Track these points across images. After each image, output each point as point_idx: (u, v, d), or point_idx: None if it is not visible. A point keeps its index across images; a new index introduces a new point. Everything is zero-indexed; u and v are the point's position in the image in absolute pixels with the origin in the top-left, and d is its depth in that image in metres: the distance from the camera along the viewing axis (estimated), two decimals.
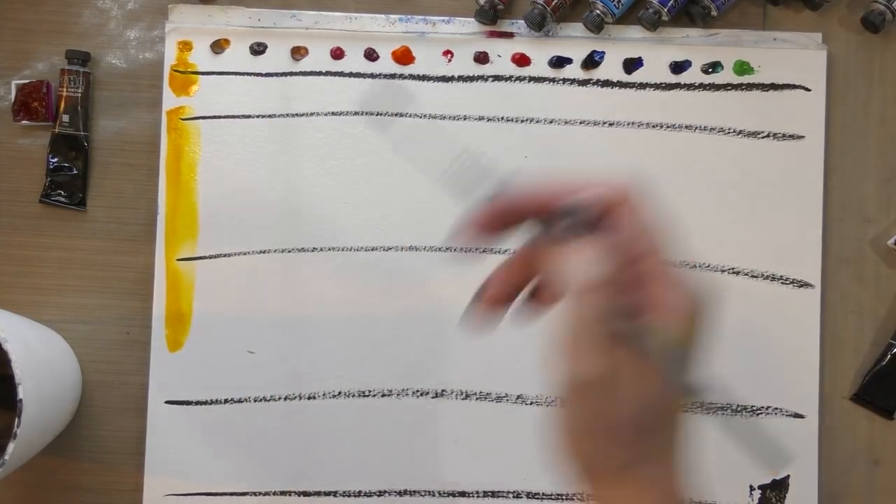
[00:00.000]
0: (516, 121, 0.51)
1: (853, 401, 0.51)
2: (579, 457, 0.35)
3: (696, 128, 0.51)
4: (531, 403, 0.50)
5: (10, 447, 0.40)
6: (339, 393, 0.50)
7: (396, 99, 0.52)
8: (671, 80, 0.52)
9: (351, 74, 0.51)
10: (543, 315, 0.33)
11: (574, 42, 0.52)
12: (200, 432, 0.50)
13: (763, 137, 0.51)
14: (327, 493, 0.50)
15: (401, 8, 0.52)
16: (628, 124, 0.51)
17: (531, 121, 0.51)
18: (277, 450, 0.50)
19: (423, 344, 0.50)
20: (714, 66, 0.52)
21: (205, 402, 0.50)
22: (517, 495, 0.50)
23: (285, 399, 0.50)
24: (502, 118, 0.51)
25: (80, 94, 0.51)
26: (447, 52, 0.51)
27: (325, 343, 0.50)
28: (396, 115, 0.51)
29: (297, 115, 0.51)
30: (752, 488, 0.50)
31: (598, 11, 0.50)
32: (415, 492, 0.50)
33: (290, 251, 0.50)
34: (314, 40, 0.51)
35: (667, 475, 0.36)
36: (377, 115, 0.51)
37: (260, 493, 0.50)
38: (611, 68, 0.52)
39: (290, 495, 0.50)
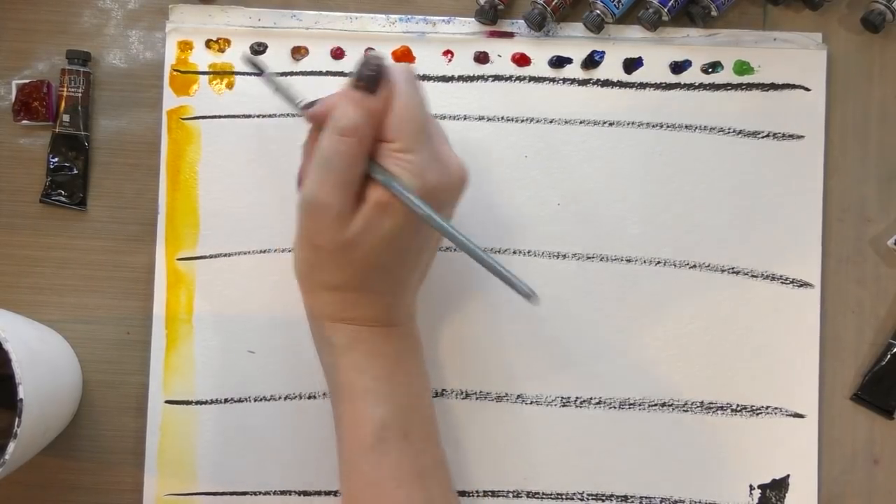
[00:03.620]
0: (516, 121, 0.51)
1: (853, 401, 0.51)
2: (298, 264, 0.43)
3: (695, 128, 0.51)
4: (531, 403, 0.50)
5: (11, 447, 0.40)
6: None
7: None
8: (671, 80, 0.52)
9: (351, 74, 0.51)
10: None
11: (574, 42, 0.52)
12: (200, 432, 0.50)
13: (763, 137, 0.51)
14: (327, 493, 0.50)
15: (401, 8, 0.52)
16: (628, 124, 0.51)
17: (531, 121, 0.51)
18: (277, 450, 0.50)
19: (423, 344, 0.50)
20: (714, 66, 0.52)
21: (205, 402, 0.50)
22: (517, 495, 0.50)
23: (285, 399, 0.50)
24: (502, 118, 0.51)
25: (80, 94, 0.51)
26: (447, 52, 0.51)
27: None
28: None
29: (297, 114, 0.51)
30: (751, 488, 0.50)
31: (598, 11, 0.50)
32: None
33: (290, 251, 0.50)
34: (314, 40, 0.51)
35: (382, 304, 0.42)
36: None
37: (260, 493, 0.50)
38: (611, 68, 0.52)
39: (289, 495, 0.50)
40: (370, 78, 0.39)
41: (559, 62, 0.52)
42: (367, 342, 0.42)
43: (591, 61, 0.52)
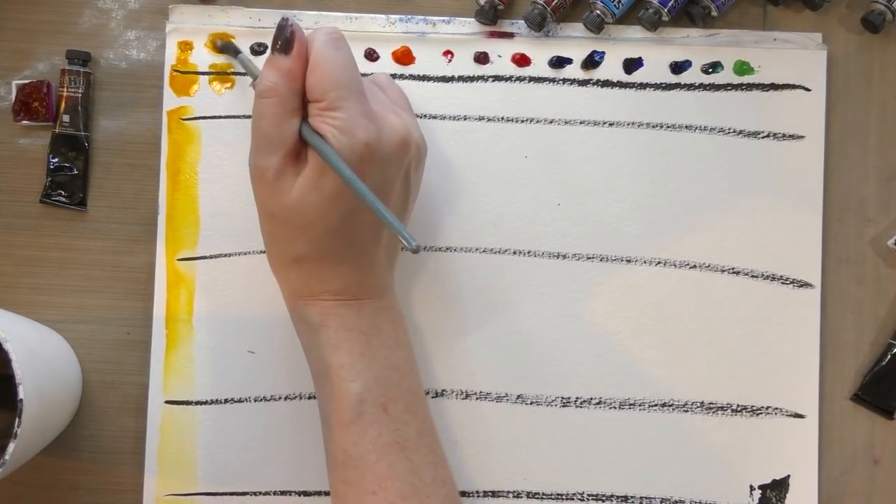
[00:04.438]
0: (516, 121, 0.51)
1: (853, 401, 0.51)
2: (264, 235, 0.43)
3: (696, 128, 0.51)
4: (531, 403, 0.50)
5: (11, 447, 0.40)
6: None
7: None
8: (671, 80, 0.52)
9: None
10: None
11: (574, 42, 0.52)
12: (200, 432, 0.50)
13: (763, 137, 0.51)
14: (327, 493, 0.50)
15: (401, 8, 0.52)
16: (628, 124, 0.51)
17: (531, 121, 0.51)
18: (277, 450, 0.50)
19: (423, 343, 0.50)
20: (714, 66, 0.52)
21: (205, 402, 0.50)
22: (517, 495, 0.50)
23: (285, 399, 0.50)
24: (502, 118, 0.51)
25: (80, 94, 0.51)
26: (447, 52, 0.52)
27: None
28: None
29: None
30: (752, 488, 0.50)
31: (598, 12, 0.50)
32: None
33: None
34: None
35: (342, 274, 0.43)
36: None
37: (260, 493, 0.50)
38: (611, 68, 0.52)
39: (289, 495, 0.50)
40: (282, 39, 0.40)
41: (559, 62, 0.52)
42: (339, 317, 0.43)
43: (591, 61, 0.52)
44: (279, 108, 0.40)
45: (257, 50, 0.51)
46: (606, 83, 0.52)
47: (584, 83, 0.52)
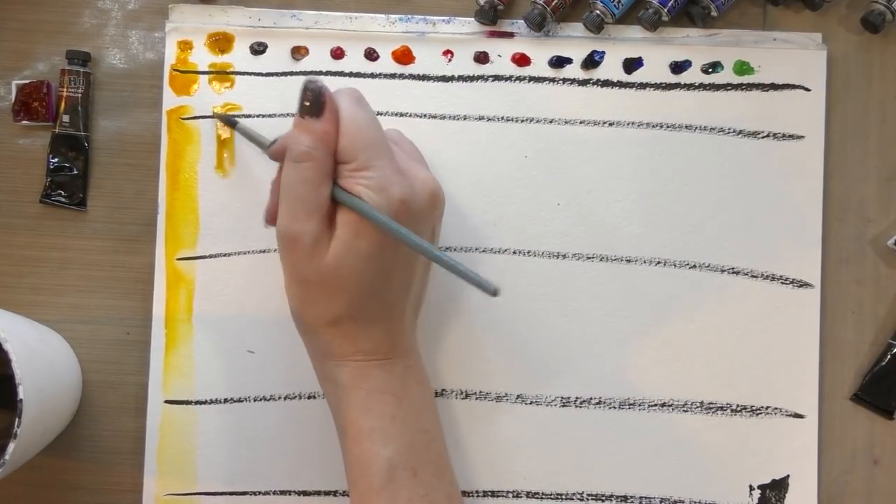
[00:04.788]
0: (516, 121, 0.51)
1: (853, 401, 0.51)
2: (293, 302, 0.42)
3: (696, 128, 0.51)
4: (531, 403, 0.50)
5: (11, 447, 0.40)
6: None
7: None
8: (671, 80, 0.52)
9: (351, 74, 0.51)
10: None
11: (574, 42, 0.52)
12: (200, 432, 0.50)
13: (763, 137, 0.51)
14: (327, 493, 0.50)
15: (401, 8, 0.52)
16: (628, 124, 0.51)
17: (531, 121, 0.51)
18: (277, 450, 0.50)
19: (423, 343, 0.50)
20: (714, 66, 0.52)
21: (204, 402, 0.50)
22: (517, 495, 0.50)
23: (285, 399, 0.50)
24: (502, 118, 0.51)
25: (80, 95, 0.51)
26: (447, 52, 0.52)
27: None
28: (397, 114, 0.51)
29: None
30: (751, 488, 0.50)
31: (597, 12, 0.50)
32: None
33: None
34: (314, 40, 0.51)
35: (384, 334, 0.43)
36: (377, 114, 0.51)
37: (260, 493, 0.50)
38: (611, 68, 0.52)
39: (289, 495, 0.50)
40: (312, 102, 0.40)
41: (559, 62, 0.52)
42: (371, 378, 0.42)
43: (591, 61, 0.52)
44: (316, 173, 0.39)
45: (257, 49, 0.51)
46: (606, 83, 0.52)
47: (584, 83, 0.52)
